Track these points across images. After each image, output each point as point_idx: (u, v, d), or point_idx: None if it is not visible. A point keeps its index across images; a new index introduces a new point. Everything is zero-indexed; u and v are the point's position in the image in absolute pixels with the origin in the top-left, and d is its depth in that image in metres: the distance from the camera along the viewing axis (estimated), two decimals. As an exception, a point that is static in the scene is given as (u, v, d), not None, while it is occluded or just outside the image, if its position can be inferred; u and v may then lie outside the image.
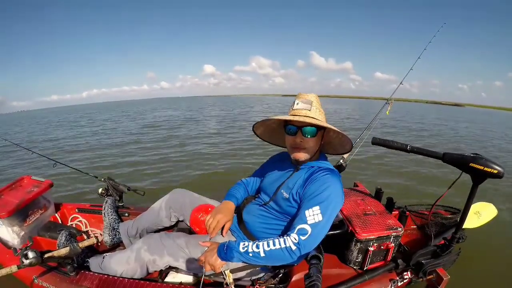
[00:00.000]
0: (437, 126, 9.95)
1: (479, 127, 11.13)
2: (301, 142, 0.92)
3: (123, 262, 1.04)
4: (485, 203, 1.56)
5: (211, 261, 0.83)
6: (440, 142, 6.47)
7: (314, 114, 0.91)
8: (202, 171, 3.78)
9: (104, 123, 11.15)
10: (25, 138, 8.64)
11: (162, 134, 7.69)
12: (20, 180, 1.58)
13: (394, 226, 1.09)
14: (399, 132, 7.92)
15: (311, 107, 0.91)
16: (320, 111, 0.93)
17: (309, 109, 0.90)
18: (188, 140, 6.55)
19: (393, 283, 1.08)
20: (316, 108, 0.92)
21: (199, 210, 1.13)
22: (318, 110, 0.92)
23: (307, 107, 0.91)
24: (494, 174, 0.88)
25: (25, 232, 1.39)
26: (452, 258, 1.16)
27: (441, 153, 1.02)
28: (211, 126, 9.35)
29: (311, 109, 0.91)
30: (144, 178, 3.53)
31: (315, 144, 0.94)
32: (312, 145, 0.93)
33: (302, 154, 0.94)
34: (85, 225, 1.64)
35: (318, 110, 0.92)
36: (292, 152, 0.97)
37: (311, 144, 0.93)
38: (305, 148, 0.93)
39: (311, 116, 0.90)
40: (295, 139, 0.92)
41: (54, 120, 15.61)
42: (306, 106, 0.91)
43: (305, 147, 0.93)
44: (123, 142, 6.50)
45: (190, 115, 12.83)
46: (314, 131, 0.90)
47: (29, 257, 0.92)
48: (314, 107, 0.91)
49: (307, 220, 0.83)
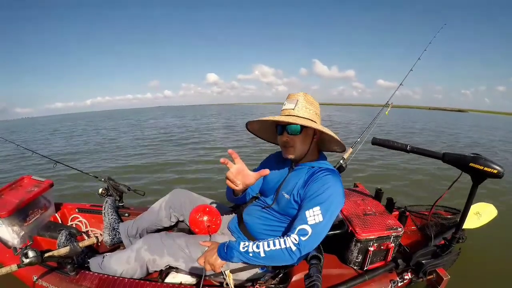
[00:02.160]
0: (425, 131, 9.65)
1: (480, 131, 11.02)
2: (287, 140, 0.93)
3: (123, 261, 1.04)
4: (485, 204, 1.56)
5: (211, 260, 0.83)
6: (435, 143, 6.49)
7: (297, 112, 0.91)
8: (202, 171, 3.79)
9: (106, 129, 11.15)
10: (28, 140, 8.66)
11: (162, 135, 7.70)
12: (20, 180, 1.58)
13: (394, 226, 1.09)
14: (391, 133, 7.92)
15: (295, 106, 0.92)
16: (307, 108, 0.93)
17: (293, 108, 0.92)
18: (188, 140, 6.56)
19: (393, 283, 1.08)
20: (302, 105, 0.92)
21: (198, 210, 1.13)
22: (305, 107, 0.92)
23: (291, 106, 0.92)
24: (494, 174, 0.88)
25: (25, 231, 1.39)
26: (452, 258, 1.16)
27: (441, 153, 1.02)
28: (213, 129, 9.36)
29: (295, 108, 0.92)
30: (144, 178, 3.54)
31: (302, 142, 0.94)
32: (299, 143, 0.93)
33: (290, 151, 0.95)
34: (85, 225, 1.64)
35: (305, 108, 0.92)
36: (283, 151, 0.99)
37: (298, 142, 0.93)
38: (292, 146, 0.94)
39: (294, 114, 0.91)
40: (282, 138, 0.94)
41: (56, 126, 15.62)
42: (290, 105, 0.93)
43: (292, 145, 0.94)
44: (123, 143, 6.51)
45: (196, 123, 12.62)
46: (298, 128, 0.91)
47: (29, 256, 0.92)
48: (300, 105, 0.92)
49: (308, 220, 0.83)
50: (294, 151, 0.95)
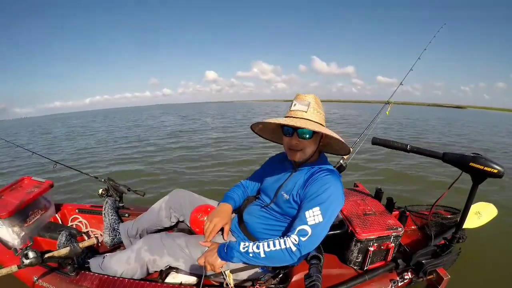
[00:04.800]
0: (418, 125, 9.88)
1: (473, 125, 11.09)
2: (296, 143, 0.91)
3: (123, 262, 1.04)
4: (485, 203, 1.56)
5: (211, 260, 0.84)
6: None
7: (310, 116, 0.89)
8: (202, 171, 3.79)
9: (106, 127, 11.20)
10: (30, 141, 8.68)
11: (162, 136, 7.70)
12: (20, 181, 1.58)
13: (394, 226, 1.09)
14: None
15: (308, 108, 0.89)
16: (318, 112, 0.91)
17: (306, 111, 0.89)
18: (188, 141, 6.56)
19: (394, 283, 1.08)
20: (313, 109, 0.90)
21: (199, 210, 1.13)
22: (316, 111, 0.91)
23: (304, 109, 0.90)
24: (494, 173, 0.88)
25: (26, 232, 1.39)
26: (452, 258, 1.16)
27: (441, 153, 1.02)
28: (213, 128, 9.37)
29: (307, 111, 0.89)
30: (144, 178, 3.54)
31: (311, 146, 0.93)
32: (309, 147, 0.92)
33: (298, 155, 0.93)
34: (85, 225, 1.64)
35: (316, 111, 0.91)
36: (288, 153, 0.97)
37: (307, 146, 0.92)
38: (301, 149, 0.92)
39: (307, 118, 0.89)
40: (291, 141, 0.92)
41: (57, 125, 15.63)
42: (303, 107, 0.90)
43: (301, 148, 0.92)
44: (124, 144, 6.51)
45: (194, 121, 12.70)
46: (310, 133, 0.89)
47: (29, 257, 0.92)
48: (312, 108, 0.90)
49: (307, 221, 0.82)
50: (303, 154, 0.93)
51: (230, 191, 1.17)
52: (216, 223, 1.00)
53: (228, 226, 1.04)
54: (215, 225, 0.99)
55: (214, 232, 0.99)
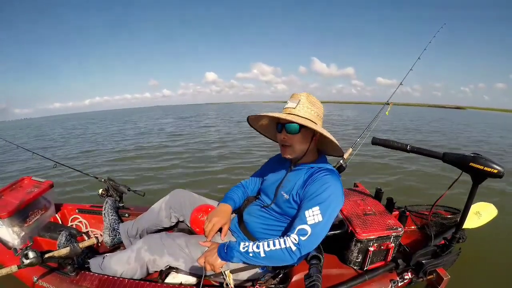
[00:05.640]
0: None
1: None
2: (284, 138, 0.93)
3: (123, 262, 1.04)
4: (485, 203, 1.56)
5: (211, 260, 0.84)
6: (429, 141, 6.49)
7: (298, 112, 0.91)
8: (202, 172, 3.79)
9: (106, 128, 11.21)
10: (31, 142, 8.69)
11: (162, 136, 7.70)
12: (20, 181, 1.58)
13: (394, 226, 1.09)
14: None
15: (297, 105, 0.91)
16: (308, 108, 0.92)
17: (294, 107, 0.91)
18: (188, 141, 6.56)
19: (394, 283, 1.08)
20: (303, 105, 0.91)
21: (199, 210, 1.13)
22: (306, 107, 0.92)
23: (293, 105, 0.92)
24: (494, 173, 0.88)
25: (26, 232, 1.39)
26: (452, 258, 1.16)
27: (441, 153, 1.02)
28: (213, 129, 9.36)
29: (296, 107, 0.91)
30: (144, 178, 3.54)
31: (301, 142, 0.93)
32: (297, 143, 0.93)
33: (288, 151, 0.95)
34: (85, 225, 1.64)
35: (306, 108, 0.92)
36: (281, 150, 0.99)
37: (296, 141, 0.92)
38: (290, 145, 0.93)
39: (294, 113, 0.90)
40: (280, 136, 0.94)
41: (57, 127, 15.62)
42: (292, 104, 0.92)
43: (290, 144, 0.93)
44: (124, 144, 6.51)
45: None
46: (296, 127, 0.90)
47: (29, 257, 0.92)
48: (301, 105, 0.91)
49: (307, 220, 0.82)
50: (292, 150, 0.94)
51: (230, 191, 1.17)
52: (215, 222, 1.00)
53: (227, 226, 1.04)
54: (214, 224, 1.00)
55: (213, 232, 0.99)
